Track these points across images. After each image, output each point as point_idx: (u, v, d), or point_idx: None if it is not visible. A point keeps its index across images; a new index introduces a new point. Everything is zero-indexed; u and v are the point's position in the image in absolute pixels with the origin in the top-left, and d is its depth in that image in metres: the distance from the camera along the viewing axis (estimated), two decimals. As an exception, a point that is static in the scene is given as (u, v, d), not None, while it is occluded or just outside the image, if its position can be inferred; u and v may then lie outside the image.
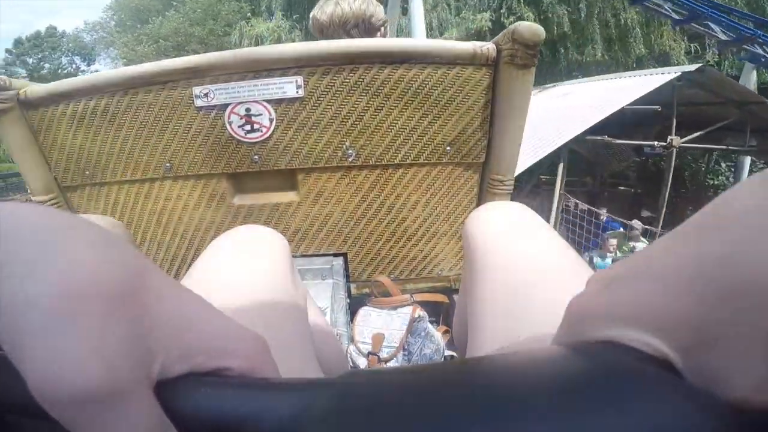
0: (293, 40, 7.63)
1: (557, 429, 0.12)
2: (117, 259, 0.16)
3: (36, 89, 0.78)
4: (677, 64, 7.56)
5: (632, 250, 4.89)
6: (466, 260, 0.49)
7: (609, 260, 4.73)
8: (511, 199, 0.98)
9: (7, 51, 22.94)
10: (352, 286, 1.01)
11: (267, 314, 0.38)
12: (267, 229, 0.48)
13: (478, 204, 0.91)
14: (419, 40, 0.85)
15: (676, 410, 0.12)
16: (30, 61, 22.91)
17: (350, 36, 1.00)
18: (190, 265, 0.45)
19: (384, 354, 0.92)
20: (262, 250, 0.44)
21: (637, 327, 0.15)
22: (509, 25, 0.74)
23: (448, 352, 1.00)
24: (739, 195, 0.14)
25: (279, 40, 8.61)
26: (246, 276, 0.40)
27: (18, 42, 23.18)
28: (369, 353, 0.93)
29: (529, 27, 0.68)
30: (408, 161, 0.85)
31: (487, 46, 0.73)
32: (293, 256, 0.94)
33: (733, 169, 7.97)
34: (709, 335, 0.13)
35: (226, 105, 0.77)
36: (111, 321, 0.15)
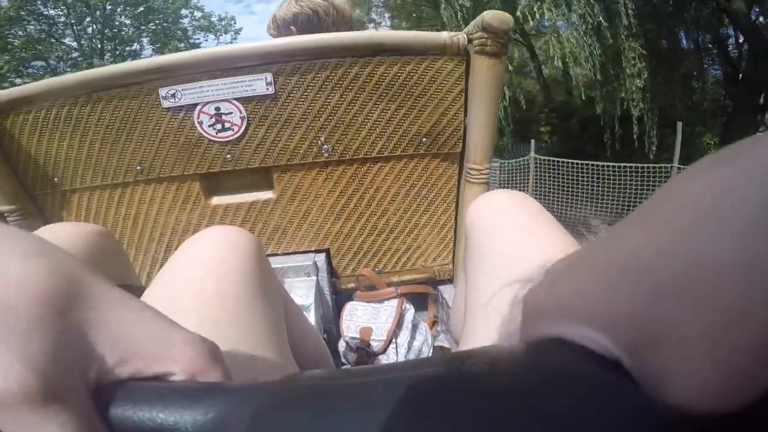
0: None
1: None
2: (48, 269, 0.17)
3: None
4: None
5: None
6: (468, 247, 0.48)
7: None
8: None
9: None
10: (337, 282, 1.00)
11: (238, 316, 0.37)
12: (236, 228, 0.47)
13: (458, 194, 0.90)
14: (390, 32, 0.85)
15: (619, 415, 0.12)
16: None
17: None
18: None
19: (373, 348, 0.92)
20: (231, 251, 0.43)
21: (585, 323, 0.14)
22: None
23: (437, 344, 1.00)
24: (686, 180, 0.13)
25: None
26: (213, 278, 0.39)
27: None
28: (357, 348, 0.93)
29: (497, 15, 0.68)
30: (385, 154, 0.84)
31: (458, 36, 0.73)
32: (274, 255, 0.94)
33: None
34: (653, 334, 0.12)
35: (195, 105, 0.76)
36: (38, 328, 0.15)
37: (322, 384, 0.16)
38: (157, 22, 13.74)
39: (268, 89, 0.75)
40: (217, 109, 0.76)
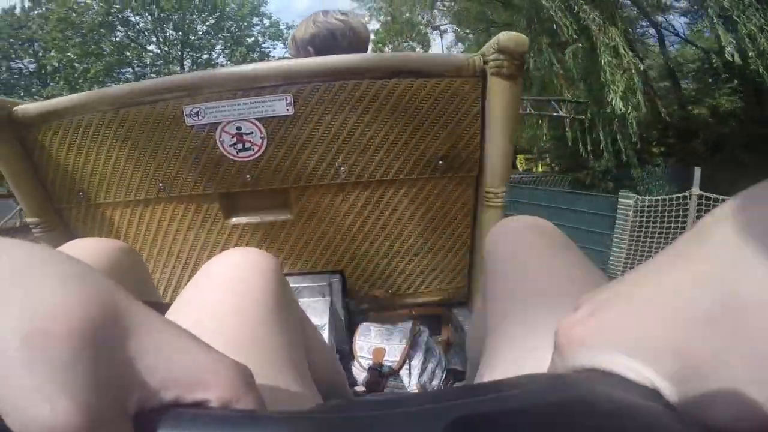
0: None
1: None
2: (87, 295, 0.17)
3: (28, 108, 0.78)
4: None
5: None
6: (488, 272, 0.48)
7: None
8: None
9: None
10: (351, 303, 1.00)
11: (259, 338, 0.38)
12: (256, 251, 0.48)
13: (474, 217, 0.90)
14: (407, 53, 0.87)
15: None
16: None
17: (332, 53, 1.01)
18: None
19: (386, 369, 0.91)
20: (252, 274, 0.44)
21: (625, 353, 0.15)
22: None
23: (450, 366, 0.98)
24: (724, 216, 0.14)
25: None
26: (235, 301, 0.40)
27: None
28: (370, 368, 0.92)
29: (513, 37, 0.68)
30: (401, 176, 0.84)
31: (474, 58, 0.74)
32: (290, 274, 0.94)
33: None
34: (695, 362, 0.12)
35: (217, 124, 0.77)
36: (80, 357, 0.15)
37: (368, 414, 0.16)
38: (232, 29, 14.71)
39: (288, 110, 0.76)
40: (239, 128, 0.78)
